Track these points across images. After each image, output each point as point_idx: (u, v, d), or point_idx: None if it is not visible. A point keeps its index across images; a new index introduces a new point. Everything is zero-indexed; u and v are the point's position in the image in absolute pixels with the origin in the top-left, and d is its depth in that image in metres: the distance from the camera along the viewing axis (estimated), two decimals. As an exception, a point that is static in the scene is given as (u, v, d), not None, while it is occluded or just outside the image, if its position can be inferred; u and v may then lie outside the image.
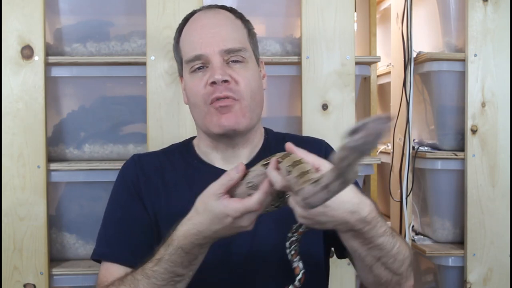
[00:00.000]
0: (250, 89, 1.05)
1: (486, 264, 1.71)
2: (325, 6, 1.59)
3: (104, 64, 1.60)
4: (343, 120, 1.59)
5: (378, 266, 0.89)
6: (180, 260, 0.86)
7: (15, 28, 1.53)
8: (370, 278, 0.93)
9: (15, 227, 1.53)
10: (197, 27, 1.09)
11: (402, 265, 0.91)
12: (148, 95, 1.56)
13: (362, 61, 1.69)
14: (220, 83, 1.02)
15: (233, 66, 1.05)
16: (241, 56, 1.06)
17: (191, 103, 1.09)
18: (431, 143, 1.87)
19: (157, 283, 0.88)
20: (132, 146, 1.66)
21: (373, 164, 1.72)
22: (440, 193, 1.82)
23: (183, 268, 0.87)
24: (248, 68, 1.07)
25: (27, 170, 1.54)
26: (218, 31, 1.06)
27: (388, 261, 0.89)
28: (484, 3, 1.70)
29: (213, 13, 1.11)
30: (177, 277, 0.88)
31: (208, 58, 1.05)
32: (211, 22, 1.08)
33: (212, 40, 1.05)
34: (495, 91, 1.71)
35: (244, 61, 1.07)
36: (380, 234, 0.85)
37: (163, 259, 0.88)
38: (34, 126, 1.54)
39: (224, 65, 1.04)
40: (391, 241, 0.87)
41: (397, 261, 0.90)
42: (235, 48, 1.06)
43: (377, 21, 2.12)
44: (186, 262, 0.87)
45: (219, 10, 1.12)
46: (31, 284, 1.54)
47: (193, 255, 0.87)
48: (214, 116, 1.04)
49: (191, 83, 1.07)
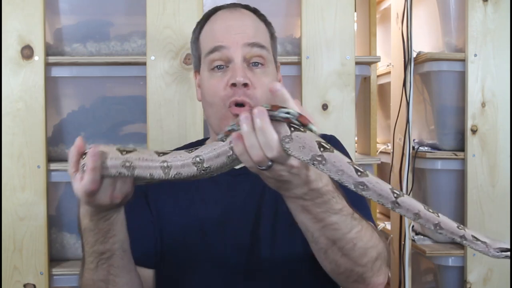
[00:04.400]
0: (266, 97, 1.03)
1: (486, 264, 1.71)
2: (325, 6, 1.59)
3: (104, 64, 1.60)
4: (343, 120, 1.59)
5: (334, 251, 0.82)
6: (94, 239, 0.87)
7: (15, 28, 1.53)
8: (327, 266, 0.86)
9: (15, 227, 1.53)
10: (221, 24, 1.07)
11: (366, 255, 0.84)
12: (148, 95, 1.56)
13: (362, 61, 1.69)
14: (240, 86, 1.00)
15: (254, 69, 1.04)
16: (263, 57, 1.04)
17: (207, 102, 1.07)
18: (431, 143, 1.87)
19: (91, 266, 0.89)
20: (132, 146, 1.66)
21: (373, 164, 1.72)
22: (440, 193, 1.82)
23: (102, 244, 0.87)
24: (268, 73, 1.05)
25: (27, 170, 1.53)
26: (243, 28, 1.05)
27: (346, 246, 0.81)
28: (484, 3, 1.70)
29: (238, 12, 1.10)
30: (102, 254, 0.88)
31: (230, 54, 1.02)
32: (236, 21, 1.07)
33: (236, 36, 1.03)
34: (495, 91, 1.71)
35: (265, 64, 1.05)
36: (335, 211, 0.78)
37: (83, 244, 0.89)
38: (34, 126, 1.54)
39: (245, 67, 1.02)
40: (348, 222, 0.80)
41: (357, 248, 0.82)
42: (259, 43, 1.04)
43: (377, 21, 2.12)
44: (101, 237, 0.87)
45: (244, 10, 1.11)
46: (31, 284, 1.54)
47: (102, 230, 0.86)
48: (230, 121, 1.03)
49: (209, 82, 1.05)
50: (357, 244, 0.82)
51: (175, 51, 1.55)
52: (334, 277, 0.88)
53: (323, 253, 0.84)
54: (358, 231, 0.82)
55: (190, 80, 1.54)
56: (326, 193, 0.77)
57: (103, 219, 0.85)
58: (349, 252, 0.82)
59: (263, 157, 0.69)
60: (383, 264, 0.88)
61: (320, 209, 0.77)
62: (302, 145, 0.69)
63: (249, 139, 0.69)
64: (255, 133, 0.69)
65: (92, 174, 0.78)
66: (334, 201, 0.78)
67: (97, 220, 0.85)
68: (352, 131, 1.60)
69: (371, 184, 0.71)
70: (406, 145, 1.83)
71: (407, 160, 1.82)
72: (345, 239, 0.81)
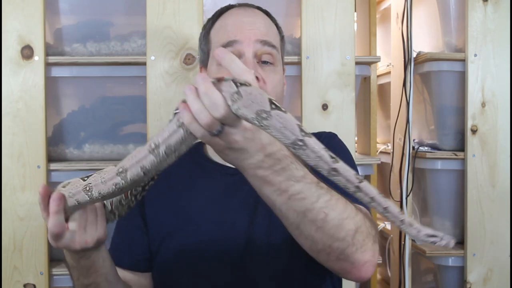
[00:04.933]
0: (275, 93, 1.04)
1: (486, 264, 1.71)
2: (325, 6, 1.59)
3: (104, 64, 1.60)
4: (343, 120, 1.59)
5: (307, 224, 0.78)
6: (77, 274, 0.91)
7: (15, 28, 1.53)
8: (304, 242, 0.82)
9: (15, 227, 1.53)
10: (235, 20, 1.08)
11: (342, 228, 0.78)
12: (148, 95, 1.56)
13: (362, 61, 1.69)
14: None
15: (264, 67, 1.04)
16: (273, 56, 1.05)
17: None
18: (431, 143, 1.87)
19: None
20: (132, 146, 1.66)
21: (373, 164, 1.72)
22: (440, 193, 1.82)
23: (86, 278, 0.91)
24: (277, 72, 1.06)
25: (27, 170, 1.54)
26: (257, 25, 1.06)
27: (317, 217, 0.77)
28: (484, 3, 1.70)
29: (251, 12, 1.11)
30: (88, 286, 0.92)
31: (242, 49, 1.03)
32: (249, 17, 1.08)
33: (249, 32, 1.04)
34: (495, 91, 1.71)
35: (275, 63, 1.06)
36: (297, 178, 0.75)
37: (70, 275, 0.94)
38: (34, 126, 1.54)
39: (255, 64, 1.03)
40: (314, 190, 0.76)
41: (330, 219, 0.77)
42: (271, 42, 1.05)
43: (377, 21, 2.12)
44: (84, 273, 0.90)
45: (256, 10, 1.12)
46: (31, 284, 1.54)
47: (83, 267, 0.89)
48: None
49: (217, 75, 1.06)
50: (329, 214, 0.77)
51: (175, 51, 1.55)
52: (315, 256, 0.84)
53: (295, 228, 0.80)
54: (327, 200, 0.77)
55: (190, 80, 1.54)
56: (283, 158, 0.74)
57: (83, 258, 0.88)
58: (322, 224, 0.77)
59: (212, 119, 0.67)
60: (368, 239, 0.82)
61: (280, 177, 0.74)
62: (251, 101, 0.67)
63: (194, 104, 0.68)
64: (200, 99, 0.68)
65: (55, 218, 0.81)
66: (293, 167, 0.75)
67: (78, 259, 0.88)
68: (352, 131, 1.60)
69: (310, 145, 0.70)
70: (406, 145, 1.83)
71: (407, 160, 1.82)
72: (315, 209, 0.76)
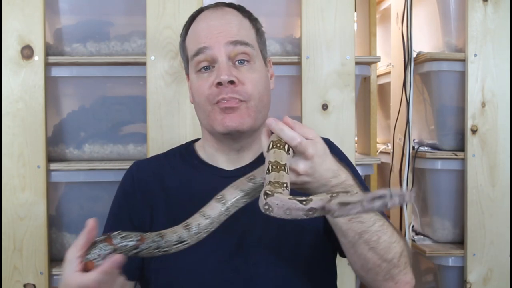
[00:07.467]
0: (257, 91, 1.04)
1: (486, 264, 1.71)
2: (325, 6, 1.59)
3: (104, 64, 1.60)
4: (343, 120, 1.59)
5: (361, 245, 0.88)
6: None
7: (15, 28, 1.53)
8: (357, 261, 0.92)
9: (15, 227, 1.53)
10: (204, 25, 1.08)
11: (390, 250, 0.89)
12: (148, 95, 1.56)
13: (362, 61, 1.69)
14: (226, 84, 1.01)
15: (240, 68, 1.04)
16: (248, 54, 1.05)
17: (196, 103, 1.09)
18: (431, 143, 1.87)
19: None
20: (132, 146, 1.66)
21: (373, 164, 1.72)
22: (440, 193, 1.82)
23: None
24: (255, 69, 1.06)
25: (27, 170, 1.54)
26: (225, 27, 1.05)
27: (372, 239, 0.88)
28: (484, 3, 1.70)
29: (221, 12, 1.10)
30: None
31: (214, 54, 1.03)
32: (218, 20, 1.07)
33: (218, 35, 1.04)
34: (495, 91, 1.71)
35: (251, 61, 1.05)
36: None
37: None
38: (34, 126, 1.54)
39: (231, 66, 1.03)
40: (371, 216, 0.88)
41: (382, 242, 0.88)
42: (242, 40, 1.04)
43: (377, 21, 2.12)
44: None
45: (226, 9, 1.11)
46: (31, 284, 1.54)
47: None
48: (219, 115, 1.03)
49: (197, 83, 1.06)
50: (381, 237, 0.88)
51: (175, 51, 1.55)
52: (364, 274, 0.93)
53: (351, 246, 0.89)
54: (381, 225, 0.88)
55: (190, 80, 1.54)
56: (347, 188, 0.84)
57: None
58: (375, 245, 0.88)
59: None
60: (408, 263, 0.93)
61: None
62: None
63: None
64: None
65: (102, 276, 0.76)
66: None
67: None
68: (352, 131, 1.60)
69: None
70: (406, 145, 1.83)
71: (407, 160, 1.82)
72: (370, 232, 0.87)
